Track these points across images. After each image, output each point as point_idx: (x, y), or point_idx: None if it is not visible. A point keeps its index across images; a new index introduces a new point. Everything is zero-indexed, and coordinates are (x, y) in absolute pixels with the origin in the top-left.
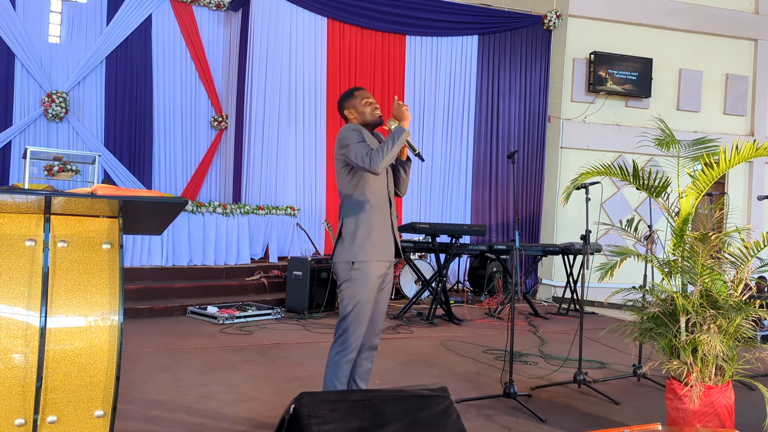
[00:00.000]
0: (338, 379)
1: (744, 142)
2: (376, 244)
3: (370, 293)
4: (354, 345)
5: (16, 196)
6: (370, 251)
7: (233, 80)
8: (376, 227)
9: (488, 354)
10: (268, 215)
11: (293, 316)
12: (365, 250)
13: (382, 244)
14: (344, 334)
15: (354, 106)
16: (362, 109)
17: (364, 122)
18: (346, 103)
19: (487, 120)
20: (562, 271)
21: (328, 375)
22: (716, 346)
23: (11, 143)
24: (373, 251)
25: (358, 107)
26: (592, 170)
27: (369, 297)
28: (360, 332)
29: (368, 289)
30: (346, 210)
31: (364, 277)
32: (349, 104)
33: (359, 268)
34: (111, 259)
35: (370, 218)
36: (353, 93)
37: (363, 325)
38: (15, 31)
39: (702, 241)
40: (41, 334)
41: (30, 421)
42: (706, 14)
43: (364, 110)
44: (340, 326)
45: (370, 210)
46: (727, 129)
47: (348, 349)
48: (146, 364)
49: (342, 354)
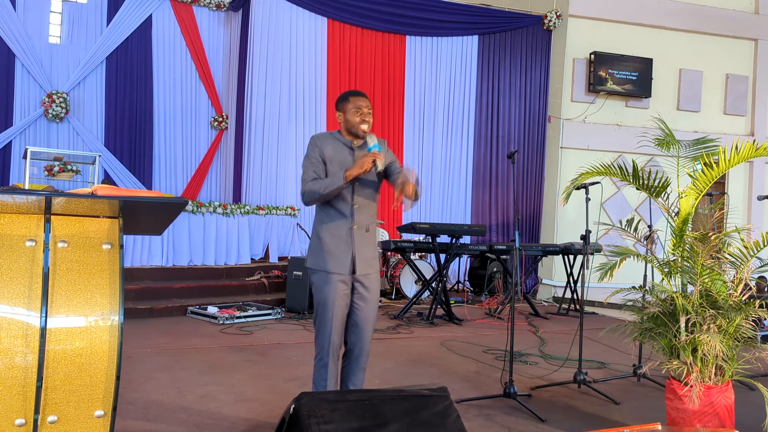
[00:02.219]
0: (315, 383)
1: (744, 142)
2: (329, 254)
3: (330, 298)
4: (323, 348)
5: (17, 197)
6: (322, 261)
7: (233, 80)
8: (329, 239)
9: (488, 354)
10: (269, 215)
11: (293, 316)
12: (316, 259)
13: (334, 256)
14: (315, 338)
15: (343, 110)
16: (349, 116)
17: (347, 129)
18: (338, 105)
19: (488, 120)
20: (562, 271)
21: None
22: (716, 346)
23: (11, 143)
24: (325, 262)
25: (347, 113)
26: (592, 170)
27: (328, 301)
28: (325, 336)
29: (326, 293)
30: (315, 217)
31: (320, 281)
32: (340, 107)
33: (315, 274)
34: (111, 260)
35: (327, 229)
36: (348, 97)
37: (327, 329)
38: (15, 32)
39: (702, 241)
40: (41, 334)
41: (30, 421)
42: (706, 14)
43: (350, 118)
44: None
45: (329, 221)
46: (727, 129)
47: (320, 354)
48: (146, 364)
49: (316, 358)
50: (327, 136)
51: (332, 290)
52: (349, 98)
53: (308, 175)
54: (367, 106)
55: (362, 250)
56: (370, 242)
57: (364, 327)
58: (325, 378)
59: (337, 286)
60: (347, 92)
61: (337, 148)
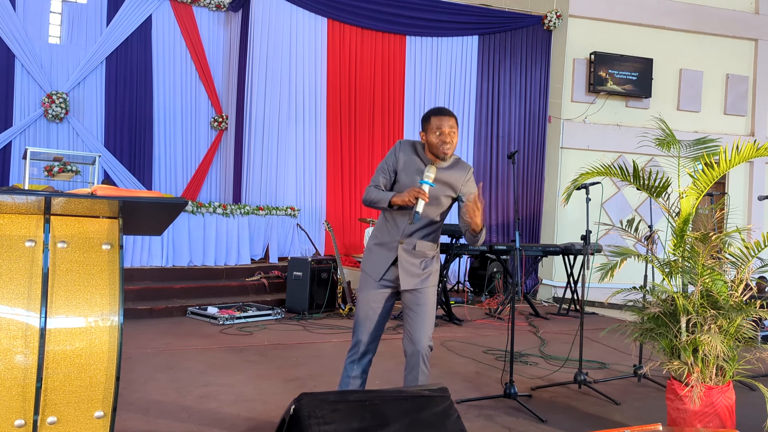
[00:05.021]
0: (342, 378)
1: (744, 142)
2: (372, 259)
3: (366, 297)
4: (355, 345)
5: (16, 197)
6: (365, 262)
7: (233, 80)
8: (377, 245)
9: (488, 354)
10: (269, 216)
11: (293, 316)
12: (364, 259)
13: (375, 261)
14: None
15: (426, 130)
16: (430, 137)
17: (429, 148)
18: (422, 124)
19: (488, 120)
20: (562, 271)
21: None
22: (717, 347)
23: (11, 144)
24: (367, 264)
25: (428, 134)
26: (593, 170)
27: (364, 301)
28: (358, 334)
29: (364, 293)
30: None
31: (363, 282)
32: (423, 126)
33: (363, 274)
34: (111, 260)
35: (379, 235)
36: (429, 117)
37: (360, 327)
38: (15, 32)
39: (702, 242)
40: (41, 334)
41: (30, 422)
42: (706, 14)
43: (431, 140)
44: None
45: (383, 227)
46: (727, 129)
47: (352, 349)
48: (147, 365)
49: (348, 354)
50: (410, 148)
51: (371, 295)
52: (431, 118)
53: (375, 179)
54: (450, 126)
55: (406, 266)
56: (415, 258)
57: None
58: (348, 375)
59: (372, 288)
60: (430, 111)
61: (412, 162)
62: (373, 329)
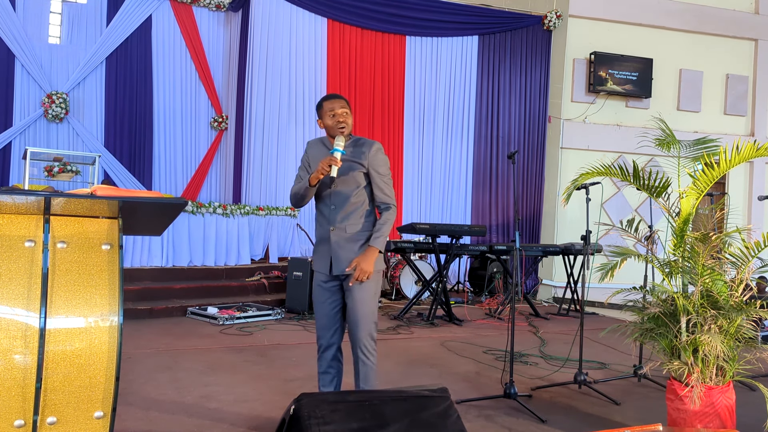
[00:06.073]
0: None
1: (744, 143)
2: (315, 254)
3: (315, 293)
4: (318, 340)
5: (16, 197)
6: (314, 261)
7: (233, 81)
8: (317, 240)
9: (488, 354)
10: (269, 216)
11: (293, 316)
12: (313, 257)
13: (318, 255)
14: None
15: (321, 116)
16: (326, 121)
17: (328, 132)
18: (317, 112)
19: (488, 120)
20: (562, 271)
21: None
22: (717, 347)
23: (11, 144)
24: (314, 262)
25: (324, 119)
26: (593, 170)
27: (315, 297)
28: (317, 330)
29: (314, 290)
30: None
31: (314, 280)
32: (318, 113)
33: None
34: (111, 260)
35: (317, 230)
36: (321, 104)
37: (317, 323)
38: (15, 32)
39: (702, 242)
40: (41, 335)
41: (30, 422)
42: (706, 14)
43: (327, 122)
44: None
45: (317, 222)
46: (727, 129)
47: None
48: (146, 365)
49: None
50: (317, 142)
51: (315, 288)
52: (323, 103)
53: (296, 179)
54: (341, 106)
55: (339, 251)
56: (349, 242)
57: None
58: (319, 371)
59: (319, 285)
60: (322, 98)
61: (320, 151)
62: (327, 323)
